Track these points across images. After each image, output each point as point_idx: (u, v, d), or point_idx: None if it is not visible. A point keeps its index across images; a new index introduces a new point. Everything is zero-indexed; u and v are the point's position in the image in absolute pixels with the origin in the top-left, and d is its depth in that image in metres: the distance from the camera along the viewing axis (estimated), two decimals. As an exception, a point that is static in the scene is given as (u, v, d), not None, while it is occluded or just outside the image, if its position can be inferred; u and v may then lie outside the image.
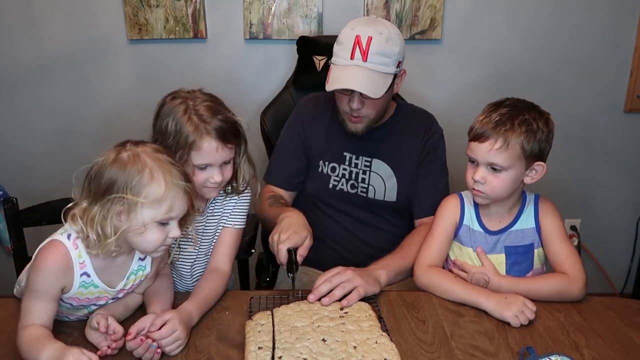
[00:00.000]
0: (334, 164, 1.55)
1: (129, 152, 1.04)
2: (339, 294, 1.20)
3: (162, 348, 1.04)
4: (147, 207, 1.02)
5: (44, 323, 1.03)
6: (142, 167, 1.02)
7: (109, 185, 1.01)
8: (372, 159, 1.54)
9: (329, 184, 1.56)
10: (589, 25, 2.21)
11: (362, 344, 1.06)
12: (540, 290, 1.25)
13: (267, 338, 1.06)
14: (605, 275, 2.51)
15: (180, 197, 1.05)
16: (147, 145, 1.08)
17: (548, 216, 1.32)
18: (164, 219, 1.04)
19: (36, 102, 2.20)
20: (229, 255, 1.33)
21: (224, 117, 1.22)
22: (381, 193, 1.54)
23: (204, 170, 1.23)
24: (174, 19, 2.11)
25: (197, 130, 1.19)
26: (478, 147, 1.24)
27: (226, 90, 2.19)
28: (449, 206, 1.38)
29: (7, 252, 2.27)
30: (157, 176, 1.02)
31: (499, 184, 1.25)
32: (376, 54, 1.36)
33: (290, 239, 1.22)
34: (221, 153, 1.22)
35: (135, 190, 1.01)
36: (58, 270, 1.04)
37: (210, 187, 1.26)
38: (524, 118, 1.22)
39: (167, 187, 1.02)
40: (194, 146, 1.19)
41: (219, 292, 1.25)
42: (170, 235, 1.07)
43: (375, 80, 1.37)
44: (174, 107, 1.22)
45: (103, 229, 1.01)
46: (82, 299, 1.10)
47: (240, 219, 1.36)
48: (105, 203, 1.01)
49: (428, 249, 1.36)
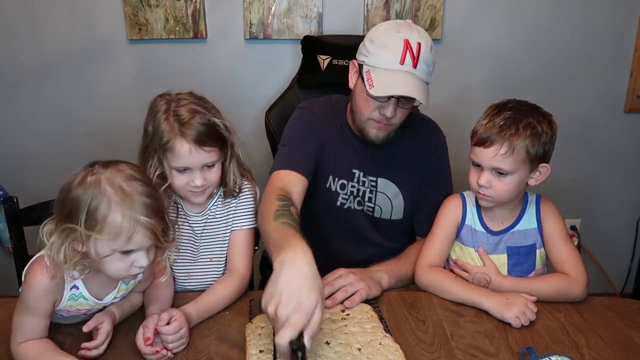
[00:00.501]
0: (343, 180, 1.48)
1: (94, 176, 0.98)
2: (341, 297, 1.20)
3: (166, 344, 1.05)
4: (102, 240, 0.96)
5: (39, 337, 1.03)
6: (102, 196, 0.95)
7: (70, 209, 0.97)
8: (377, 179, 1.48)
9: (336, 202, 1.49)
10: (589, 25, 2.21)
11: (367, 346, 1.05)
12: (541, 291, 1.25)
13: (268, 341, 1.06)
14: (605, 275, 2.51)
15: (140, 231, 0.97)
16: (119, 169, 1.00)
17: (550, 217, 1.32)
18: (122, 250, 0.99)
19: (36, 102, 2.20)
20: (242, 256, 1.32)
21: (203, 120, 1.20)
22: (388, 212, 1.50)
23: (184, 173, 1.22)
24: (174, 19, 2.11)
25: (172, 131, 1.18)
26: (483, 152, 1.23)
27: (226, 90, 2.23)
28: (451, 206, 1.38)
29: (7, 252, 2.27)
30: (114, 208, 0.95)
31: (504, 188, 1.24)
32: (423, 61, 1.30)
33: (292, 325, 0.89)
34: (197, 156, 1.19)
35: (90, 221, 0.95)
36: (47, 288, 1.02)
37: (194, 192, 1.24)
38: (528, 121, 1.21)
39: (124, 221, 0.95)
40: (167, 147, 1.19)
41: (230, 295, 1.23)
42: (136, 265, 1.01)
43: (424, 89, 1.31)
44: (157, 107, 1.22)
45: (58, 254, 0.98)
46: (71, 310, 1.09)
47: (246, 219, 1.34)
48: (63, 230, 0.97)
49: (429, 249, 1.36)
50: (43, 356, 1.00)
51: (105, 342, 1.06)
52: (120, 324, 1.15)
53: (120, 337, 1.11)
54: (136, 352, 1.05)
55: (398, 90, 1.28)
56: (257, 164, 2.27)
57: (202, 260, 1.35)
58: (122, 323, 1.15)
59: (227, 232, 1.34)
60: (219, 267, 1.35)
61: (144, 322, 1.07)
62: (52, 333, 1.08)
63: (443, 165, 1.53)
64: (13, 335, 1.03)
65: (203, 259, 1.35)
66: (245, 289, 1.29)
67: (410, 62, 1.29)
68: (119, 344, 1.09)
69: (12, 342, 1.03)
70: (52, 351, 1.01)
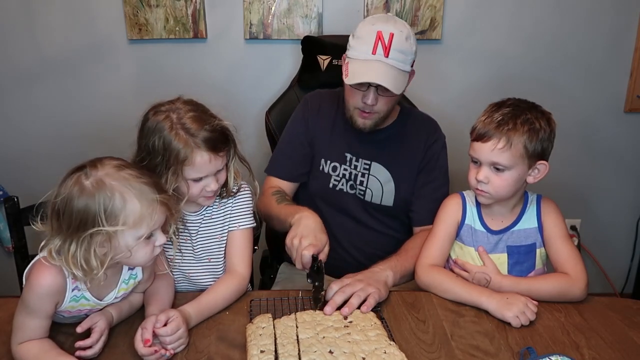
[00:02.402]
0: (335, 163, 1.56)
1: (91, 179, 0.98)
2: (356, 303, 1.19)
3: (165, 345, 1.05)
4: (127, 232, 0.99)
5: (40, 337, 1.03)
6: (111, 192, 0.97)
7: (81, 219, 0.97)
8: (371, 162, 1.54)
9: (329, 183, 1.56)
10: (589, 26, 2.21)
11: (371, 355, 1.03)
12: (541, 291, 1.25)
13: (269, 341, 1.05)
14: (605, 275, 2.51)
15: (158, 209, 1.02)
16: (107, 164, 1.02)
17: (551, 216, 1.33)
18: (148, 234, 1.03)
19: (36, 102, 2.20)
20: (241, 256, 1.32)
21: (211, 127, 1.18)
22: (378, 197, 1.55)
23: (199, 181, 1.22)
24: (174, 19, 2.11)
25: (188, 145, 1.16)
26: (481, 147, 1.24)
27: (226, 91, 2.23)
28: (451, 205, 1.38)
29: (7, 252, 2.27)
30: (128, 198, 0.98)
31: (502, 183, 1.25)
32: (397, 50, 1.36)
33: (313, 245, 1.19)
34: (214, 163, 1.20)
35: (111, 218, 0.97)
36: (50, 290, 1.02)
37: (208, 196, 1.25)
38: (526, 117, 1.23)
39: (143, 206, 0.99)
40: (186, 162, 1.17)
41: (230, 295, 1.24)
42: (156, 244, 1.06)
43: (396, 77, 1.38)
44: (159, 124, 1.17)
45: (88, 263, 0.99)
46: (73, 311, 1.09)
47: (244, 219, 1.34)
48: (84, 239, 0.97)
49: (430, 249, 1.36)
50: (43, 356, 1.00)
51: (99, 340, 1.05)
52: (120, 323, 1.15)
53: (120, 337, 1.11)
54: (136, 352, 1.05)
55: (367, 77, 1.36)
56: (257, 164, 2.29)
57: (200, 261, 1.35)
58: (121, 323, 1.15)
59: (224, 232, 1.34)
60: (217, 268, 1.35)
61: (142, 323, 1.07)
62: (53, 333, 1.07)
63: (440, 160, 1.57)
64: (13, 335, 1.03)
65: (201, 259, 1.35)
66: (245, 289, 1.29)
67: (381, 52, 1.36)
68: (119, 343, 1.09)
69: (13, 342, 1.02)
70: (52, 352, 1.01)
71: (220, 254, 1.35)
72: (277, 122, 1.85)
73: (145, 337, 1.03)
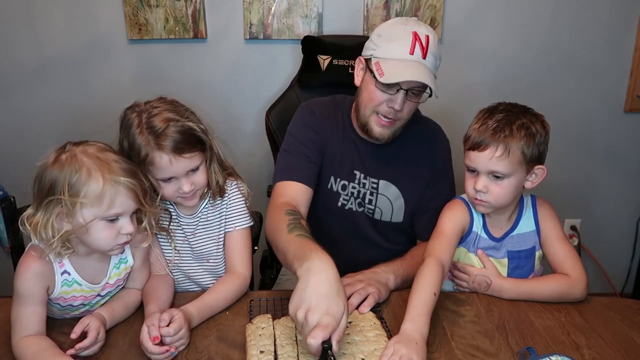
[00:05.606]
0: (345, 181, 1.47)
1: (67, 153, 1.04)
2: (356, 302, 1.19)
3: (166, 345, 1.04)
4: (87, 206, 1.01)
5: (37, 331, 1.04)
6: (80, 166, 1.02)
7: (49, 187, 1.02)
8: (379, 181, 1.46)
9: (337, 202, 1.48)
10: (589, 26, 2.22)
11: (370, 355, 1.03)
12: (542, 292, 1.24)
13: (269, 342, 1.05)
14: (605, 275, 2.51)
15: (122, 192, 1.03)
16: (91, 145, 1.07)
17: (548, 218, 1.32)
18: (108, 216, 1.04)
19: (36, 102, 2.20)
20: (240, 256, 1.31)
21: (177, 127, 1.16)
22: (388, 215, 1.49)
23: (170, 182, 1.21)
24: (174, 19, 2.11)
25: (149, 144, 1.16)
26: (478, 156, 1.21)
27: (226, 90, 2.23)
28: (458, 210, 1.32)
29: (7, 253, 2.27)
30: (94, 174, 1.01)
31: (501, 191, 1.22)
32: (431, 53, 1.31)
33: (323, 326, 0.93)
34: (178, 165, 1.18)
35: (73, 190, 1.00)
36: (36, 271, 1.05)
37: (185, 197, 1.24)
38: (521, 122, 1.20)
39: (105, 184, 1.01)
40: (147, 161, 1.17)
41: (231, 295, 1.23)
42: (122, 232, 1.06)
43: (433, 80, 1.31)
44: (129, 121, 1.20)
45: (45, 232, 1.02)
46: (68, 297, 1.10)
47: (240, 219, 1.33)
48: (47, 206, 1.02)
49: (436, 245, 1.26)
50: (41, 355, 1.00)
51: (96, 339, 1.04)
52: (120, 323, 1.15)
53: (120, 337, 1.11)
54: (136, 352, 1.05)
55: (410, 76, 1.27)
56: (257, 164, 2.30)
57: (200, 261, 1.35)
58: (121, 323, 1.15)
59: (220, 234, 1.33)
60: (217, 268, 1.35)
61: (147, 320, 1.06)
62: (53, 333, 1.08)
63: (446, 169, 1.51)
64: (13, 330, 1.04)
65: (200, 260, 1.35)
66: (246, 289, 1.28)
67: (419, 53, 1.29)
68: (119, 343, 1.09)
69: (13, 336, 1.03)
70: (49, 351, 1.01)
71: (219, 255, 1.34)
72: (277, 122, 1.84)
73: (154, 334, 1.02)
